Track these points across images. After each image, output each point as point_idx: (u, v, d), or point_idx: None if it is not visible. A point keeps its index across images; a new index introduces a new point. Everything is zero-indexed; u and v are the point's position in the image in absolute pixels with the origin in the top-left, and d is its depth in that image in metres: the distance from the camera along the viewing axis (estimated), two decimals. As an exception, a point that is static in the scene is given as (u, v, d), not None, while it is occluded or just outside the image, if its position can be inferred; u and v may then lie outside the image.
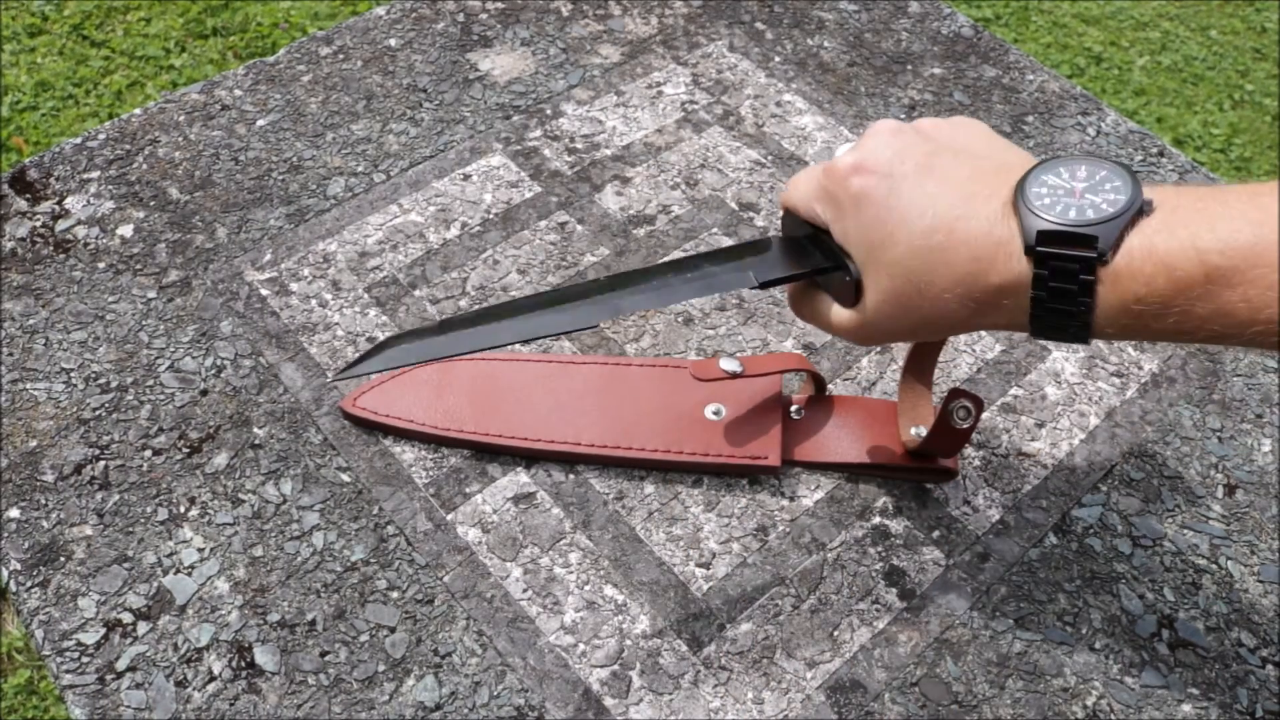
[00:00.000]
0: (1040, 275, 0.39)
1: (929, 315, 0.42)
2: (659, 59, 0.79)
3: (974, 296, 0.41)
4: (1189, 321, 0.37)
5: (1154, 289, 0.38)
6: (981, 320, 0.42)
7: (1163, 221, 0.38)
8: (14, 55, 1.80)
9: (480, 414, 0.57)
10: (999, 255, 0.40)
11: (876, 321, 0.45)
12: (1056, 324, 0.40)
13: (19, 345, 0.61)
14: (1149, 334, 0.39)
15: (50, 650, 0.50)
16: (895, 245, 0.42)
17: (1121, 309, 0.38)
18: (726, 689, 0.50)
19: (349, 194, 0.69)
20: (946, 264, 0.41)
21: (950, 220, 0.41)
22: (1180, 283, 0.37)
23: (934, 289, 0.41)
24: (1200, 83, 1.99)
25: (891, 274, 0.42)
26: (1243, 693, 0.51)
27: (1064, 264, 0.39)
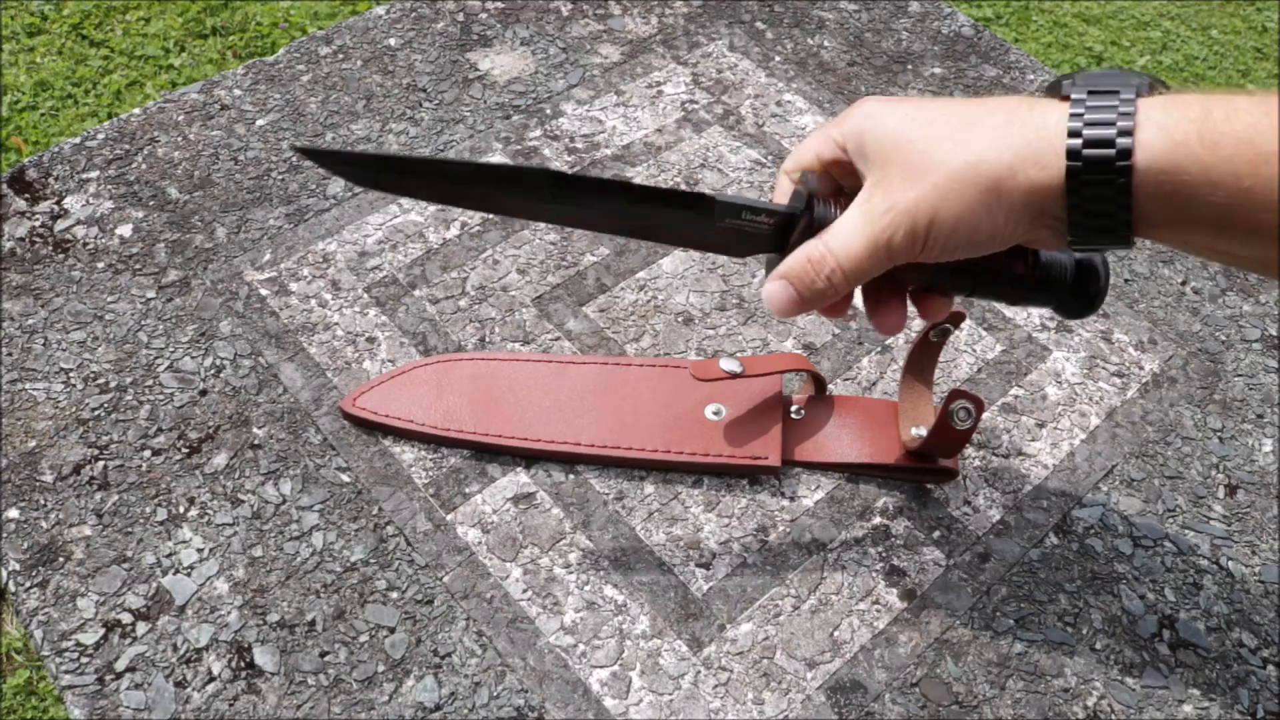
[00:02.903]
0: (1075, 121, 0.38)
1: (960, 204, 0.40)
2: (659, 59, 0.79)
3: (1017, 170, 0.39)
4: (1230, 188, 0.37)
5: (1190, 113, 0.38)
6: (1015, 209, 0.40)
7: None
8: (13, 55, 1.80)
9: (480, 414, 0.57)
10: (1042, 143, 0.39)
11: (900, 205, 0.41)
12: (1097, 202, 0.39)
13: (18, 345, 0.61)
14: (1194, 213, 0.38)
15: (49, 650, 0.50)
16: (938, 135, 0.41)
17: (1166, 151, 0.37)
18: (726, 689, 0.50)
19: (349, 194, 0.69)
20: (991, 141, 0.40)
21: (991, 113, 0.41)
22: (1216, 124, 0.37)
23: (977, 172, 0.40)
24: (1201, 82, 1.99)
25: (930, 165, 0.41)
26: (1244, 693, 0.51)
27: (1101, 110, 0.38)
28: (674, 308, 0.64)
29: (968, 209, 0.40)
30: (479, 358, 0.59)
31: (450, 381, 0.58)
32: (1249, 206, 0.37)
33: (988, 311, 0.65)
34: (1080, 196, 0.39)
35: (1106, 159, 0.38)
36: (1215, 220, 0.38)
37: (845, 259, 0.42)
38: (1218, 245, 0.39)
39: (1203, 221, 0.38)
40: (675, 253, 0.67)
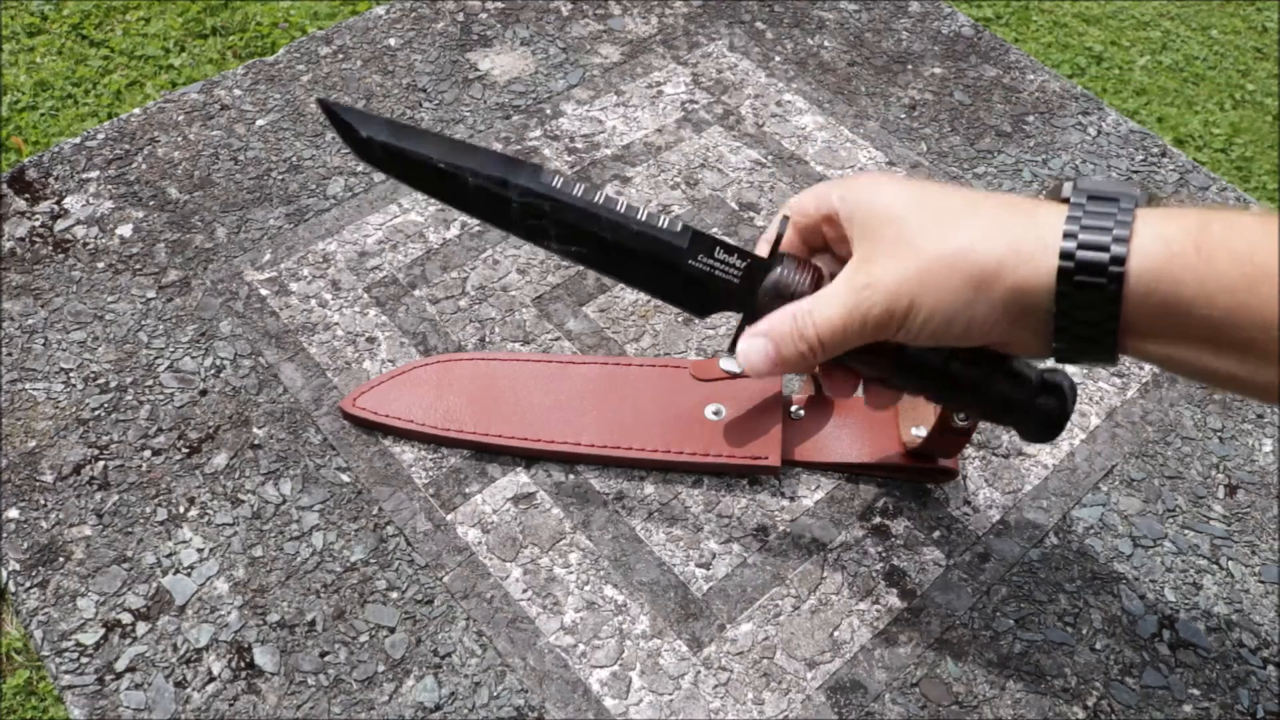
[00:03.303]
0: (1071, 225, 0.38)
1: (946, 294, 0.40)
2: (659, 59, 0.79)
3: (1004, 280, 0.39)
4: (1224, 304, 0.36)
5: (1188, 225, 0.37)
6: (1001, 314, 0.39)
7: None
8: (13, 55, 1.80)
9: (480, 414, 0.57)
10: (1037, 249, 0.38)
11: (880, 283, 0.41)
12: (1086, 309, 0.38)
13: (18, 345, 0.61)
14: (1186, 328, 0.37)
15: (49, 651, 0.50)
16: (926, 222, 0.41)
17: (1162, 261, 0.37)
18: (727, 689, 0.50)
19: (349, 193, 0.69)
20: (983, 240, 0.39)
21: (987, 207, 0.40)
22: (1214, 237, 0.36)
23: (963, 267, 0.39)
24: (1201, 82, 1.99)
25: (920, 245, 0.40)
26: (1244, 693, 0.51)
27: (1098, 217, 0.38)
28: (674, 308, 0.64)
29: (949, 297, 0.39)
30: (479, 358, 0.59)
31: (450, 381, 0.58)
32: (1244, 323, 0.36)
33: (988, 311, 0.65)
34: (1070, 300, 0.38)
35: (1100, 263, 0.37)
36: (1209, 336, 0.37)
37: (824, 327, 0.42)
38: (1210, 362, 0.38)
39: (1196, 336, 0.38)
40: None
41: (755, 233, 0.68)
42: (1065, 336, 0.39)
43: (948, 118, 0.77)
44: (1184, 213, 0.38)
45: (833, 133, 0.75)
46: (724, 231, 0.68)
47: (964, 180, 0.72)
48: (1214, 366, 0.38)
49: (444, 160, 0.46)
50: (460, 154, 0.46)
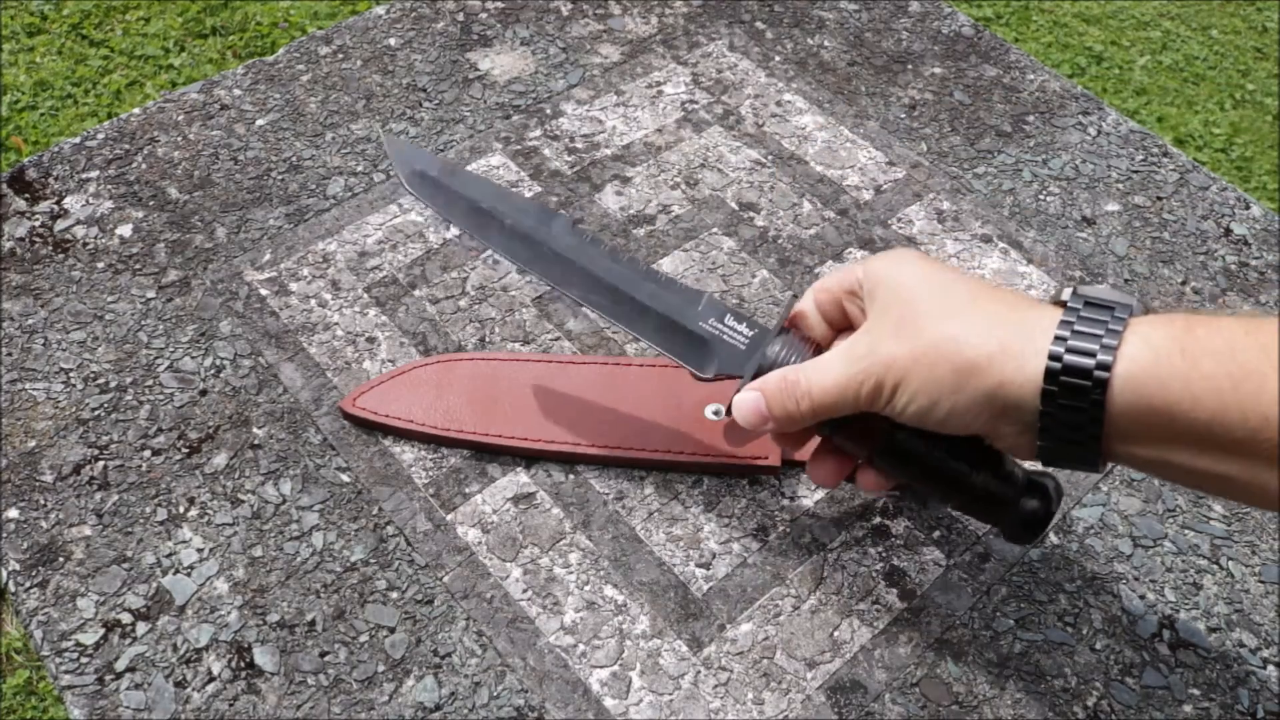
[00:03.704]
0: (1063, 329, 0.39)
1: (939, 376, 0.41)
2: (659, 58, 0.79)
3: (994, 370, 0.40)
4: (1211, 405, 0.37)
5: (1173, 330, 0.38)
6: (988, 407, 0.41)
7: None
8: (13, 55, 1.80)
9: (480, 414, 0.57)
10: (1028, 350, 0.40)
11: (876, 356, 0.43)
12: (1069, 412, 0.39)
13: (18, 345, 0.61)
14: (1175, 431, 0.38)
15: (49, 651, 0.50)
16: (931, 306, 0.42)
17: (1148, 365, 0.38)
18: (726, 689, 0.50)
19: (349, 194, 0.69)
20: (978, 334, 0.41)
21: (989, 303, 0.42)
22: (1199, 340, 0.38)
23: (958, 347, 0.41)
24: (1201, 82, 1.99)
25: (920, 328, 0.42)
26: (1244, 693, 0.51)
27: (1091, 324, 0.39)
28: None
29: (935, 382, 0.41)
30: (479, 358, 0.59)
31: (450, 381, 0.58)
32: (1232, 423, 0.37)
33: (988, 311, 0.65)
34: (1054, 402, 0.39)
35: (1085, 367, 0.38)
36: (1198, 438, 0.38)
37: (817, 390, 0.44)
38: (1203, 464, 0.39)
39: (1185, 439, 0.38)
40: (675, 252, 0.67)
41: (755, 232, 0.68)
42: (1049, 437, 0.40)
43: (948, 118, 0.77)
44: (1171, 318, 0.39)
45: (833, 133, 0.75)
46: (724, 231, 0.68)
47: (964, 180, 0.72)
48: (1207, 469, 0.39)
49: (486, 201, 0.52)
50: (502, 198, 0.53)
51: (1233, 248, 0.70)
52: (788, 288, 0.65)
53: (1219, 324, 0.38)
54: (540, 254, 0.51)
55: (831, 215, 0.70)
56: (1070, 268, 0.68)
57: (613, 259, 0.51)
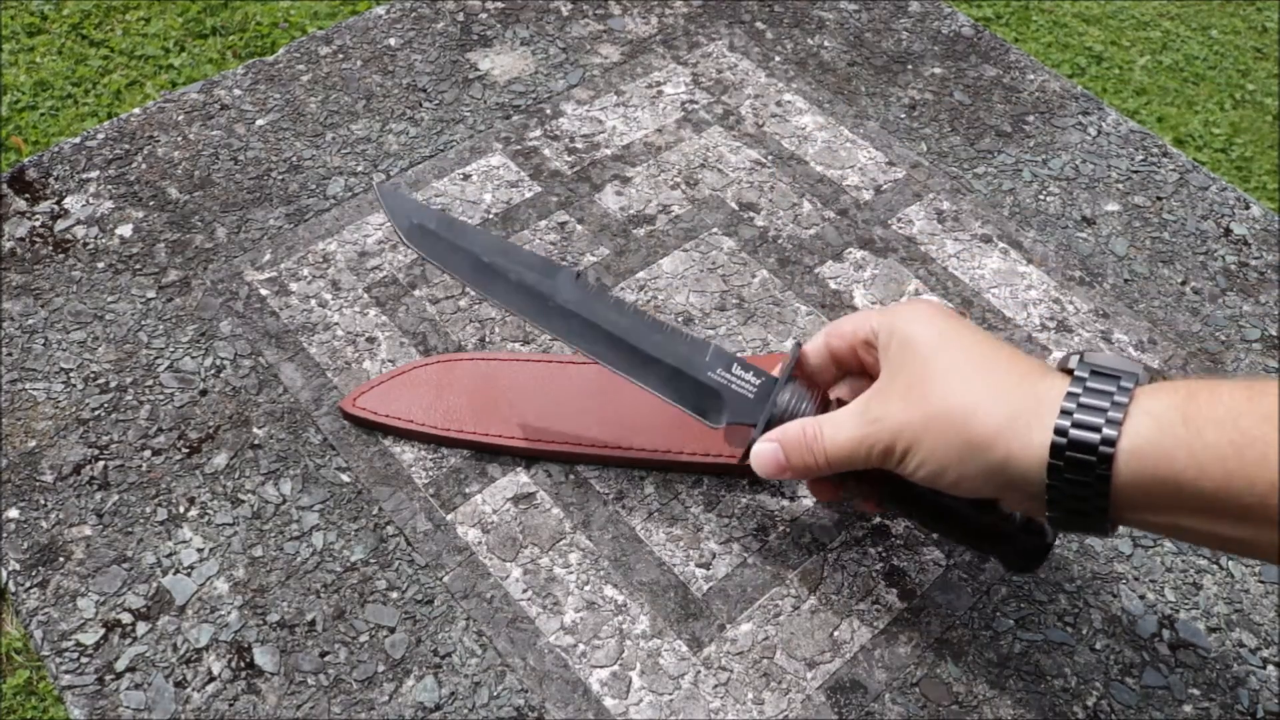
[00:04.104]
0: (1069, 401, 0.39)
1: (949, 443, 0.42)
2: (659, 59, 0.79)
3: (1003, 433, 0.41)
4: (1216, 473, 0.37)
5: (1175, 399, 0.39)
6: (997, 467, 0.41)
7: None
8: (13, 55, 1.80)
9: (480, 414, 0.57)
10: (1034, 419, 0.40)
11: (888, 421, 0.44)
12: (1076, 485, 0.39)
13: (18, 345, 0.61)
14: (1182, 499, 0.39)
15: (49, 650, 0.50)
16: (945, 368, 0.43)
17: (1152, 437, 0.38)
18: (726, 689, 0.50)
19: (349, 194, 0.69)
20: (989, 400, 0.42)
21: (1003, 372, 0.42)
22: (1200, 408, 0.38)
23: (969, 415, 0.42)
24: (1201, 82, 1.99)
25: (932, 389, 0.43)
26: (1243, 693, 0.51)
27: (1096, 395, 0.39)
28: (674, 308, 0.64)
29: (944, 450, 0.42)
30: (479, 358, 0.59)
31: (451, 381, 0.58)
32: (1238, 490, 0.37)
33: (987, 312, 0.65)
34: (1061, 475, 0.40)
35: (1090, 442, 0.39)
36: (1206, 505, 0.38)
37: (831, 446, 0.45)
38: (1212, 528, 0.39)
39: (1193, 507, 0.38)
40: (675, 252, 0.67)
41: (755, 233, 0.68)
42: (1057, 508, 0.41)
43: (948, 118, 0.77)
44: (1173, 386, 0.39)
45: (833, 133, 0.75)
46: (724, 231, 0.68)
47: (964, 180, 0.72)
48: (1219, 532, 0.39)
49: (488, 255, 0.51)
50: (504, 252, 0.51)
51: (1232, 248, 0.70)
52: (787, 288, 0.65)
53: (1221, 390, 0.38)
54: (546, 308, 0.51)
55: (831, 215, 0.70)
56: (1070, 268, 0.68)
57: (618, 311, 0.51)
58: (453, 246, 0.51)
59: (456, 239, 0.51)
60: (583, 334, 0.51)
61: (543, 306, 0.51)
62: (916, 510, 0.48)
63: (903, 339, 0.45)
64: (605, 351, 0.51)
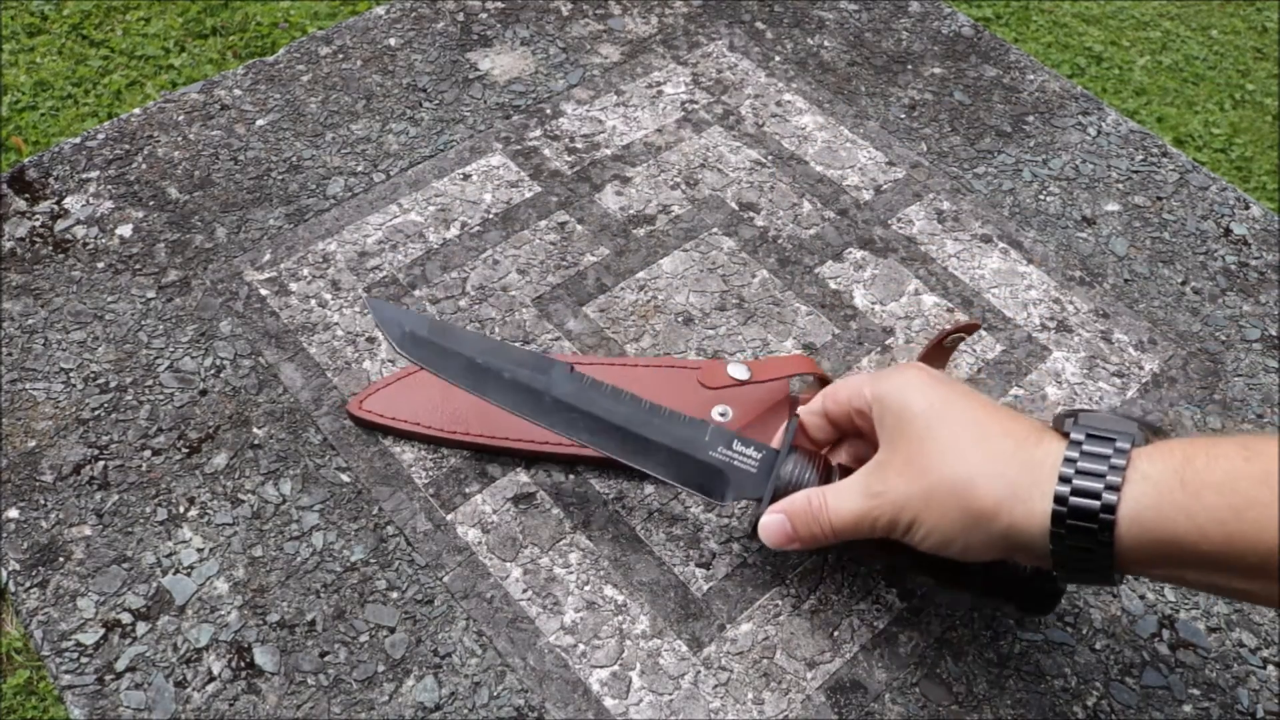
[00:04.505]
0: (1066, 467, 0.40)
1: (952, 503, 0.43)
2: (659, 59, 0.79)
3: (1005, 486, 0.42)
4: (1216, 536, 0.38)
5: (1173, 463, 0.39)
6: (1003, 531, 0.42)
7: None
8: (13, 55, 1.80)
9: (485, 416, 0.57)
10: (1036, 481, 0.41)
11: (890, 495, 0.45)
12: (1079, 550, 0.40)
13: (18, 345, 0.61)
14: (1184, 559, 0.39)
15: (49, 650, 0.50)
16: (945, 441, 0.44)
17: (1152, 502, 0.39)
18: (726, 689, 0.50)
19: (349, 194, 0.69)
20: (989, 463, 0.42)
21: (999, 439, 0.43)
22: (1198, 471, 0.39)
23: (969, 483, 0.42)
24: (1201, 82, 1.99)
25: (930, 460, 0.44)
26: (1243, 693, 0.51)
27: (1094, 459, 0.40)
28: (674, 308, 0.64)
29: (947, 522, 0.43)
30: None
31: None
32: (1239, 550, 0.38)
33: (988, 312, 0.65)
34: (1063, 542, 0.40)
35: (1090, 509, 0.40)
36: (1206, 564, 0.39)
37: (836, 519, 0.46)
38: (1215, 582, 0.40)
39: (1194, 564, 0.39)
40: (675, 252, 0.67)
41: (755, 232, 0.68)
42: (1063, 568, 0.42)
43: (948, 118, 0.77)
44: (1169, 448, 0.40)
45: (833, 133, 0.75)
46: (724, 231, 0.68)
47: (964, 180, 0.72)
48: (1219, 585, 0.40)
49: (481, 357, 0.51)
50: (496, 352, 0.52)
51: (1232, 248, 0.70)
52: (787, 288, 0.65)
53: (1218, 451, 0.39)
54: (542, 404, 0.51)
55: (831, 215, 0.70)
56: (1070, 268, 0.68)
57: (615, 400, 0.51)
58: (445, 351, 0.52)
59: (448, 343, 0.52)
60: (582, 426, 0.51)
61: (539, 403, 0.51)
62: (926, 571, 0.49)
63: (896, 412, 0.45)
64: (606, 441, 0.51)
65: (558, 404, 0.51)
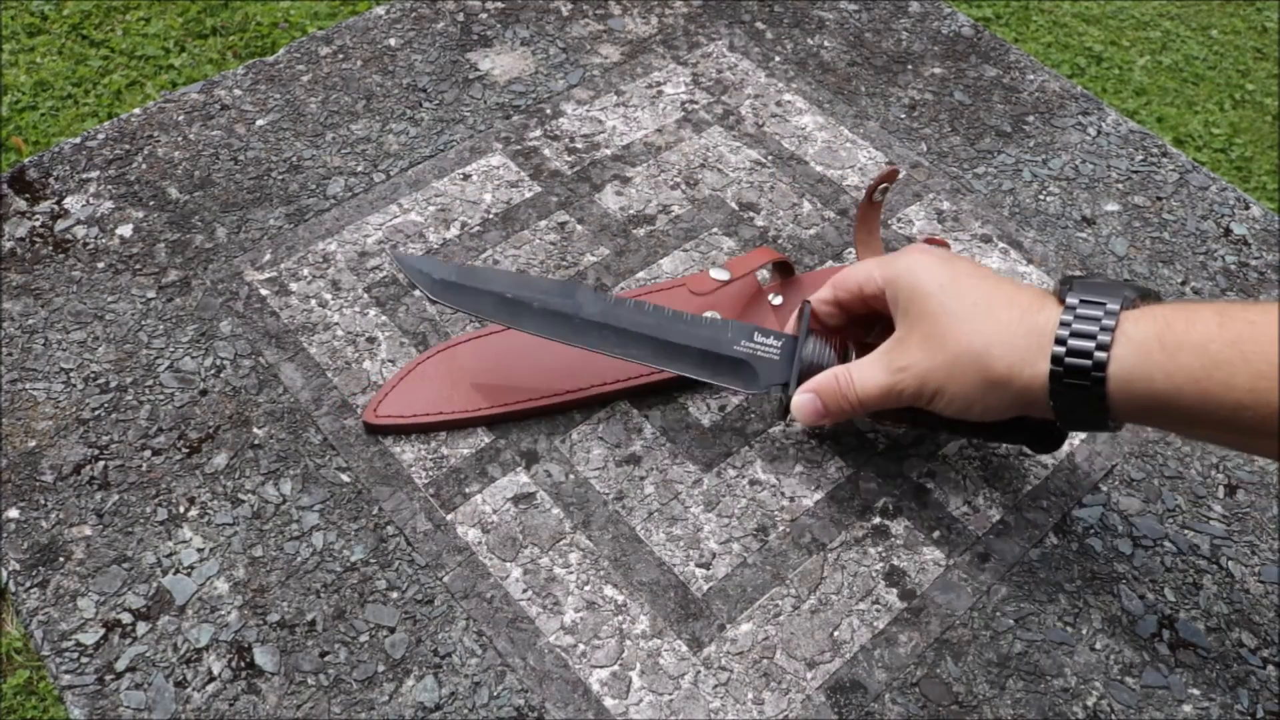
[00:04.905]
0: (1062, 329, 0.45)
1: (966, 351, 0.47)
2: (659, 59, 0.79)
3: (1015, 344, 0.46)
4: (1191, 392, 0.42)
5: (1154, 326, 0.44)
6: (1010, 384, 0.47)
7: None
8: (13, 55, 1.80)
9: (496, 388, 0.58)
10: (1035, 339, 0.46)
11: (913, 368, 0.49)
12: (1077, 404, 0.45)
13: (18, 345, 0.61)
14: (1167, 414, 0.44)
15: (49, 650, 0.50)
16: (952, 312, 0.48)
17: (1134, 363, 0.43)
18: (726, 689, 0.50)
19: (349, 194, 0.69)
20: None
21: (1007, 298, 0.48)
22: (1176, 334, 0.43)
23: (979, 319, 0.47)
24: (1201, 82, 1.99)
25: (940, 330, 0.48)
26: (1243, 693, 0.51)
27: (1086, 321, 0.45)
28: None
29: (970, 388, 0.47)
30: (475, 336, 0.60)
31: (458, 366, 0.59)
32: (1213, 406, 0.42)
33: (988, 311, 0.65)
34: (1061, 398, 0.45)
35: (1083, 367, 0.44)
36: (1186, 417, 0.44)
37: (863, 392, 0.50)
38: (1198, 433, 0.45)
39: (1176, 417, 0.44)
40: (675, 252, 0.67)
41: (755, 233, 0.68)
42: (1066, 418, 0.47)
43: (948, 118, 0.77)
44: (1154, 312, 0.44)
45: (833, 133, 0.75)
46: (724, 231, 0.68)
47: (964, 180, 0.72)
48: (1206, 436, 0.45)
49: (511, 291, 0.55)
50: (524, 285, 0.55)
51: (1232, 248, 0.70)
52: (788, 288, 0.65)
53: (1196, 317, 0.43)
54: (574, 326, 0.55)
55: (831, 215, 0.70)
56: (1070, 268, 0.68)
57: (640, 312, 0.55)
58: (476, 291, 0.55)
59: (477, 284, 0.55)
60: (614, 340, 0.55)
61: (570, 325, 0.55)
62: (948, 429, 0.54)
63: (909, 293, 0.49)
64: (637, 351, 0.55)
65: (588, 323, 0.55)
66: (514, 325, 0.55)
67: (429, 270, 0.56)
